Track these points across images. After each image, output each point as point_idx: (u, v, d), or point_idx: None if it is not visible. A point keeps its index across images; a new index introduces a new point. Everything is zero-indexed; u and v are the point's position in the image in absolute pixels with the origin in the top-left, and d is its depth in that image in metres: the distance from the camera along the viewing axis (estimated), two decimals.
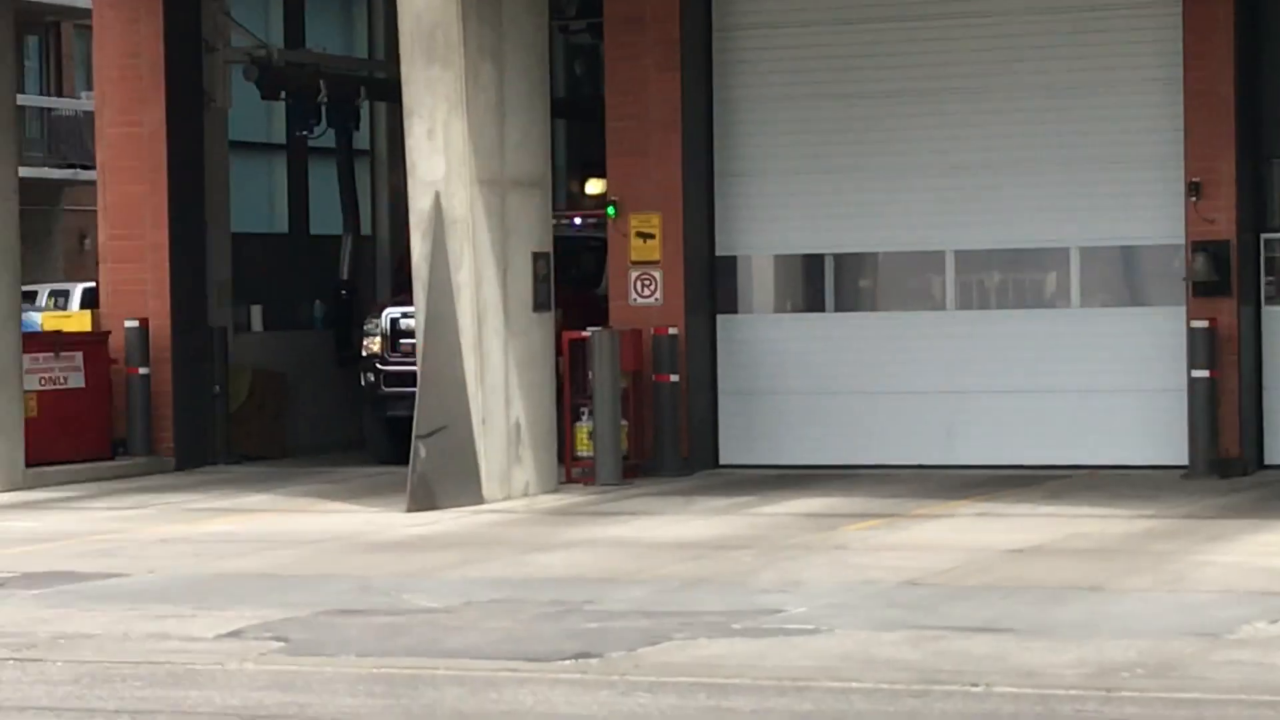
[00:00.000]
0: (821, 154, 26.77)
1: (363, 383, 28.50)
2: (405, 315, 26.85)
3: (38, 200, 52.48)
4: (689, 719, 11.58)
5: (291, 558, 19.55)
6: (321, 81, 32.09)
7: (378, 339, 28.13)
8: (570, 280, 27.18)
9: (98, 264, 29.81)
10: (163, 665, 13.72)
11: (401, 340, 27.47)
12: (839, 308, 27.08)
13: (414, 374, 25.14)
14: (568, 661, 13.49)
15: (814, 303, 27.23)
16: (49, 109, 54.69)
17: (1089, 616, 15.05)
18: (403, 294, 27.59)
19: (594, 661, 13.47)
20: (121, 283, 29.06)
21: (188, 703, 12.34)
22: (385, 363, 27.96)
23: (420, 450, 22.99)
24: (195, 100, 29.29)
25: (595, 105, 28.17)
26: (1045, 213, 26.00)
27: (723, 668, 13.19)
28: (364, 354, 28.49)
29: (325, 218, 33.06)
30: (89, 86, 29.56)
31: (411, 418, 24.47)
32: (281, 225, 34.22)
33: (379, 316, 28.29)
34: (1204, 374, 24.70)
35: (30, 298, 43.69)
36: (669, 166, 26.65)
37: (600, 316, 26.39)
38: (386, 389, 27.86)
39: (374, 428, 28.79)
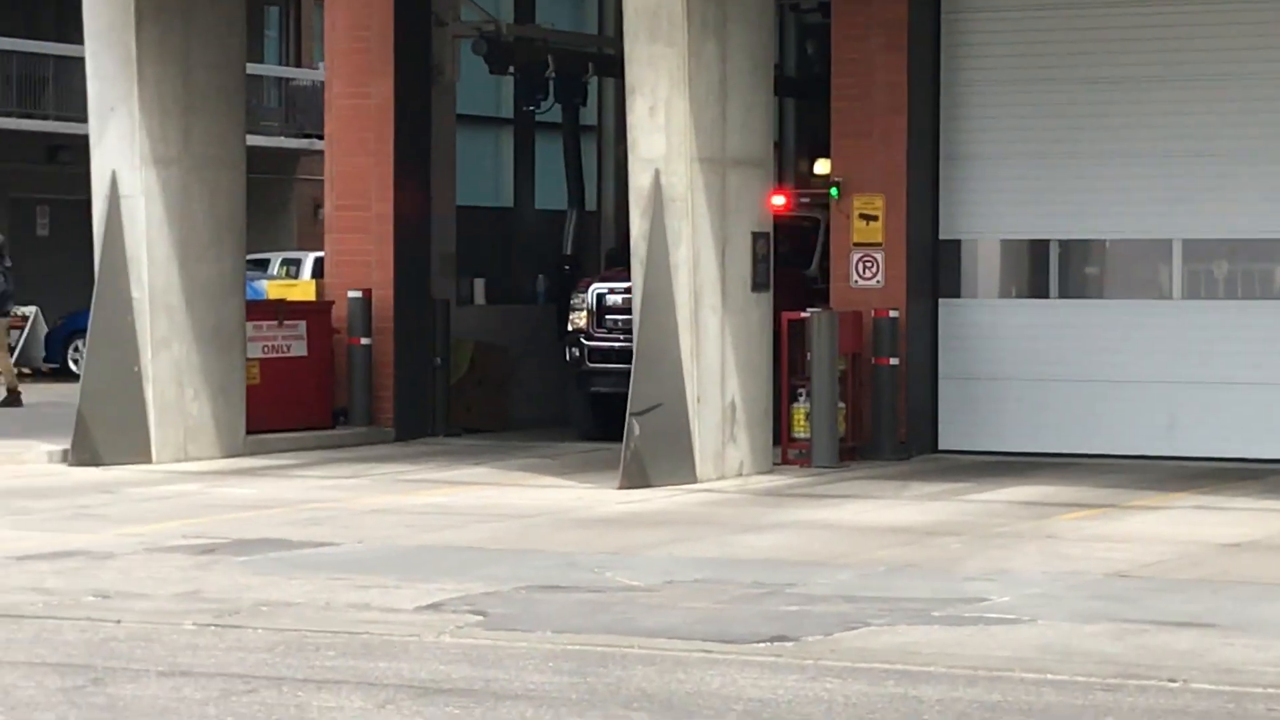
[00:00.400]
0: (1049, 139, 26.61)
1: (568, 358, 28.68)
2: (611, 291, 27.50)
3: (273, 169, 53.17)
4: (873, 706, 11.52)
5: (500, 531, 19.66)
6: (549, 57, 32.27)
7: (584, 314, 28.23)
8: (779, 259, 26.78)
9: (326, 231, 30.15)
10: (359, 636, 13.87)
11: (607, 316, 27.75)
12: (1063, 294, 26.90)
13: (619, 350, 26.49)
14: (762, 644, 13.49)
15: (1038, 289, 27.06)
16: (287, 79, 55.28)
17: None
18: (610, 270, 28.06)
19: (788, 645, 13.46)
20: (346, 253, 29.38)
21: (375, 674, 12.44)
22: (590, 338, 28.04)
23: (634, 427, 23.04)
24: (423, 73, 29.54)
25: (825, 84, 28.09)
26: (1275, 203, 25.68)
27: (917, 655, 13.13)
28: (569, 329, 28.63)
29: (550, 193, 33.26)
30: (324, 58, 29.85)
31: (615, 393, 25.62)
32: (507, 199, 34.49)
33: (585, 292, 28.39)
34: None
35: (262, 265, 44.33)
36: (894, 148, 26.58)
37: (808, 297, 26.35)
38: (591, 364, 28.01)
39: (578, 402, 28.96)
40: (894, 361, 26.08)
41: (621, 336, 26.85)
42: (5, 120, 48.09)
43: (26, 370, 44.23)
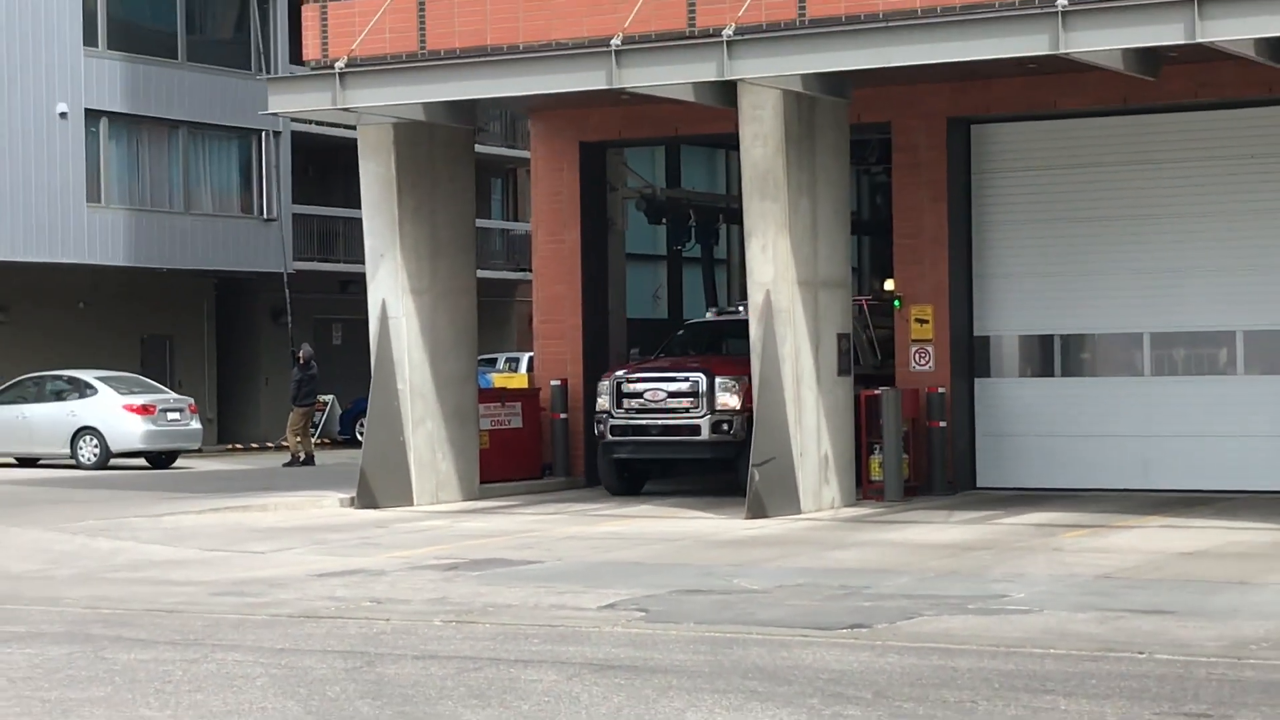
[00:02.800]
0: (1051, 262, 26.53)
1: (595, 432, 26.64)
2: (627, 380, 25.92)
3: (499, 294, 53.49)
4: (922, 674, 11.50)
5: (658, 551, 19.68)
6: (691, 210, 32.47)
7: (605, 398, 26.10)
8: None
9: (535, 339, 30.33)
10: (556, 628, 13.92)
11: (624, 399, 25.88)
12: (1065, 374, 26.76)
13: (633, 426, 25.68)
14: (844, 630, 13.50)
15: (1046, 370, 26.91)
16: (507, 229, 55.63)
17: (1234, 603, 14.71)
18: (627, 364, 27.33)
19: (863, 631, 13.47)
20: (549, 354, 29.57)
21: (565, 655, 12.50)
22: (613, 416, 25.95)
23: (755, 475, 23.03)
24: (601, 224, 29.69)
25: (888, 226, 28.07)
26: (1218, 305, 25.54)
27: (955, 637, 13.12)
28: (597, 410, 26.47)
29: (694, 308, 33.33)
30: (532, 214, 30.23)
31: (632, 459, 25.93)
32: (662, 313, 34.60)
33: (607, 380, 26.33)
34: None
35: (491, 362, 44.45)
36: (939, 271, 26.54)
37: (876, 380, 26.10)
38: (612, 437, 26.07)
39: (605, 466, 26.76)
40: (943, 424, 25.99)
41: (635, 415, 25.82)
42: (310, 263, 48.63)
43: (326, 440, 44.72)
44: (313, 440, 38.78)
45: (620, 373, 26.24)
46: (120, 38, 43.93)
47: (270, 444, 45.13)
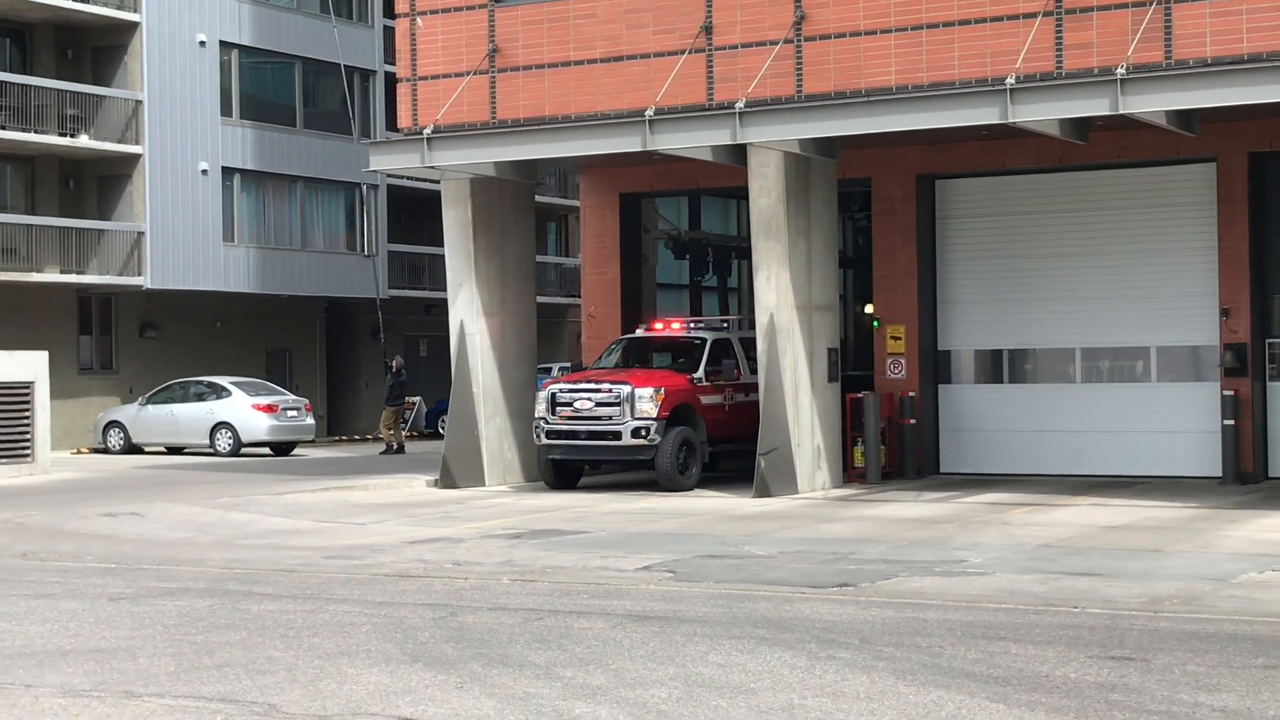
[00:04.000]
0: (1001, 290, 26.43)
1: (534, 435, 24.81)
2: (561, 391, 24.22)
3: (553, 315, 53.43)
4: (898, 624, 11.48)
5: (683, 524, 19.64)
6: (709, 248, 32.36)
7: (543, 405, 24.35)
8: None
9: (582, 352, 30.29)
10: (602, 585, 13.94)
11: (558, 407, 24.15)
12: (1012, 380, 26.63)
13: (566, 431, 24.07)
14: (834, 589, 13.48)
15: (996, 377, 26.78)
16: (559, 263, 55.62)
17: (1149, 567, 14.67)
18: (562, 377, 25.88)
19: (850, 589, 13.45)
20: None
21: (610, 608, 12.50)
22: (547, 423, 24.24)
23: (761, 463, 23.02)
24: (637, 260, 29.68)
25: (868, 261, 28.02)
26: (1136, 325, 25.43)
27: (925, 594, 13.09)
28: (536, 416, 24.67)
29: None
30: (580, 251, 30.22)
31: (565, 460, 24.48)
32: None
33: (544, 391, 24.55)
34: (1231, 422, 23.95)
35: (548, 370, 44.40)
36: (910, 298, 26.47)
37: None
38: (547, 440, 24.34)
39: (543, 466, 24.91)
40: (912, 421, 25.89)
41: (567, 422, 24.16)
42: (401, 291, 48.70)
43: (414, 434, 44.73)
44: (403, 433, 38.82)
45: (554, 385, 24.60)
46: (250, 110, 44.14)
47: (369, 436, 45.18)
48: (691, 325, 26.43)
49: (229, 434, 36.92)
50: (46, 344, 37.26)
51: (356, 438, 45.68)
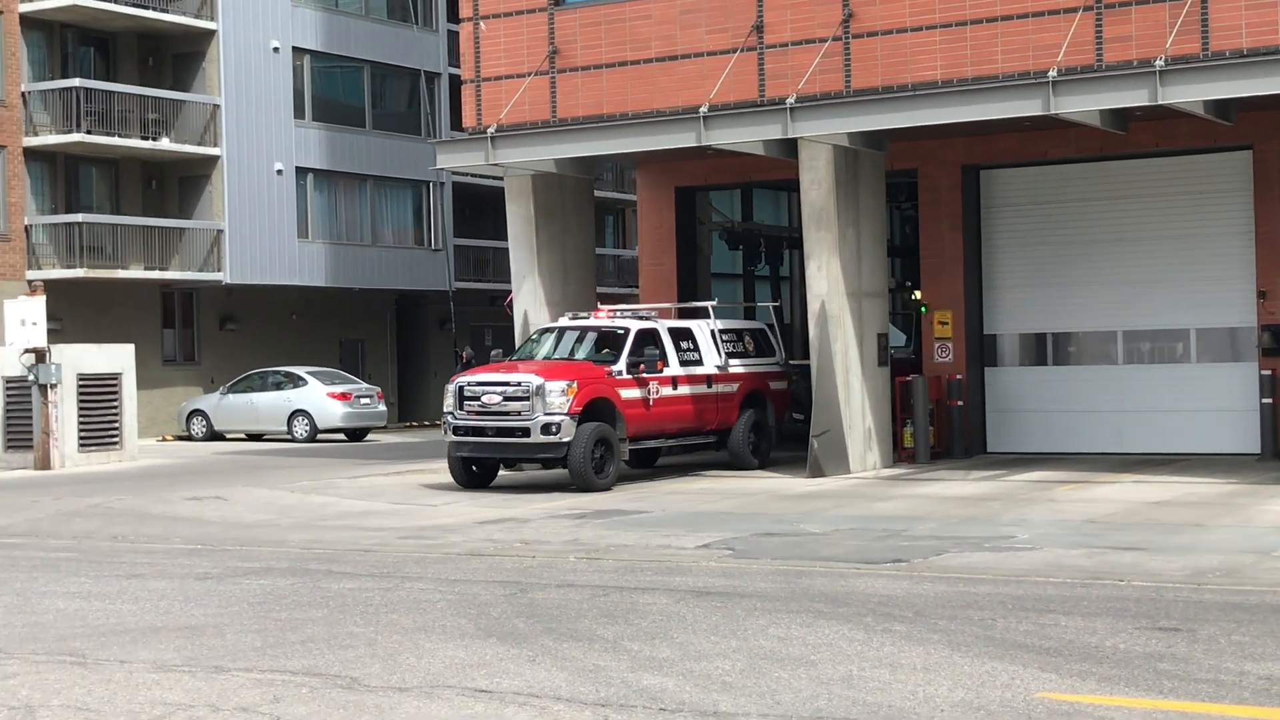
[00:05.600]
0: (1045, 275, 26.23)
1: (443, 430, 22.12)
2: (469, 385, 21.60)
3: (610, 304, 53.42)
4: (951, 598, 11.41)
5: (740, 503, 19.60)
6: (762, 239, 32.29)
7: (450, 399, 21.76)
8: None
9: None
10: (664, 562, 13.93)
11: (466, 402, 21.53)
12: (1055, 363, 26.42)
13: (473, 427, 21.48)
14: (888, 564, 13.42)
15: (1040, 360, 26.59)
16: (617, 255, 55.61)
17: (1193, 541, 14.53)
18: (469, 370, 23.94)
19: (903, 564, 13.39)
20: None
21: (673, 584, 12.49)
22: (455, 418, 21.66)
23: (814, 444, 22.95)
24: (692, 251, 29.65)
25: (915, 249, 27.88)
26: (1176, 308, 25.18)
27: (975, 568, 13.02)
28: (444, 410, 22.02)
29: (762, 315, 33.11)
30: (638, 243, 30.18)
31: (473, 457, 21.87)
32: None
33: (452, 385, 21.98)
34: (1268, 400, 23.71)
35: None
36: (956, 284, 26.31)
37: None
38: (455, 437, 21.74)
39: (453, 462, 22.27)
40: (960, 403, 25.77)
41: (474, 418, 21.50)
42: (468, 283, 48.85)
43: None
44: None
45: (461, 378, 22.10)
46: (321, 112, 44.34)
47: (439, 422, 45.35)
48: (616, 314, 23.74)
49: (306, 421, 37.14)
50: (132, 337, 37.63)
51: (426, 423, 45.86)
